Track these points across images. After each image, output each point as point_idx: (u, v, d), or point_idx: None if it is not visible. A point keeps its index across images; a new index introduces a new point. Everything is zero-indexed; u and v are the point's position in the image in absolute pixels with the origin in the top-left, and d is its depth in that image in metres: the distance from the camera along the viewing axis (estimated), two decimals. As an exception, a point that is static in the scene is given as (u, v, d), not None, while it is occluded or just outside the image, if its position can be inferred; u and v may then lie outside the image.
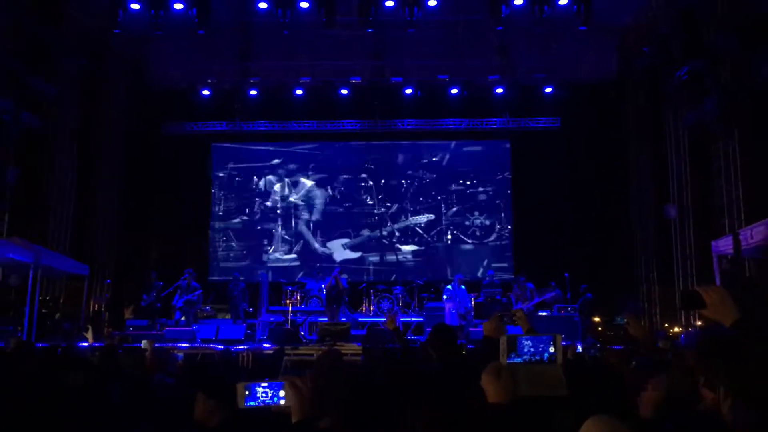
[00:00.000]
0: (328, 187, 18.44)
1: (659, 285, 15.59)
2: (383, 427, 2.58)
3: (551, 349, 2.16)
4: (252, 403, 2.59)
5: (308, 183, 18.49)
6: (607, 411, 1.97)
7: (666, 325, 14.54)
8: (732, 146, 12.82)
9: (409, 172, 18.42)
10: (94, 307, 15.72)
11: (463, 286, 14.36)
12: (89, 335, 7.61)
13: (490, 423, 2.09)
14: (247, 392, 2.59)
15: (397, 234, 18.18)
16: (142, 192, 17.21)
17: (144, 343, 6.60)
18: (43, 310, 13.77)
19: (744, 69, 11.96)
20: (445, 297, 14.28)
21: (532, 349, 2.15)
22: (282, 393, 2.56)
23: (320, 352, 6.01)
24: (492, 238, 18.04)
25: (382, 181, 18.43)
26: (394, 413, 2.69)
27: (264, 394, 2.57)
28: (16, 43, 13.25)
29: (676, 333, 13.30)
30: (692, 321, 13.65)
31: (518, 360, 2.16)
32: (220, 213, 18.54)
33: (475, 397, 2.21)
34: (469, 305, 14.32)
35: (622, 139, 16.74)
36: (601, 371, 3.07)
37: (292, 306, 15.28)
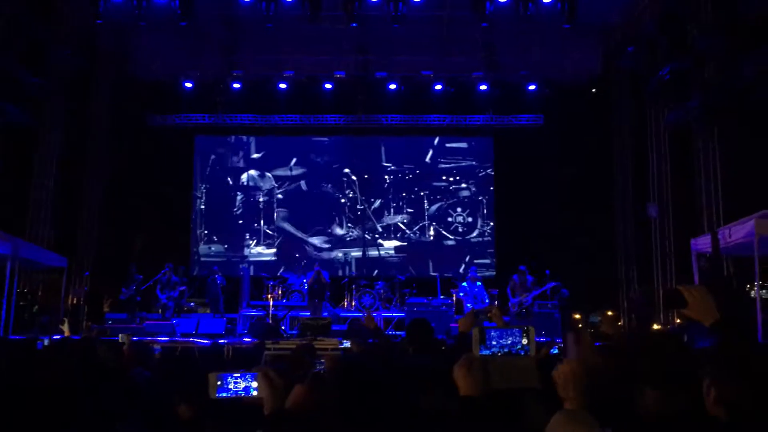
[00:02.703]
0: (311, 182, 18.38)
1: (639, 283, 15.71)
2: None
3: (524, 341, 2.16)
4: (224, 394, 2.57)
5: (291, 177, 18.42)
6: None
7: (645, 322, 14.64)
8: (712, 146, 12.95)
9: (392, 167, 18.41)
10: (72, 300, 15.59)
11: (479, 282, 14.27)
12: (65, 328, 7.53)
13: (461, 416, 2.08)
14: (219, 383, 2.58)
15: (380, 229, 18.18)
16: (124, 184, 17.05)
17: (121, 337, 6.55)
18: (21, 303, 13.63)
19: (727, 69, 12.07)
20: (461, 294, 14.24)
21: (501, 341, 2.15)
22: (255, 384, 2.54)
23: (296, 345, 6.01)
24: (474, 234, 18.08)
25: (365, 176, 18.41)
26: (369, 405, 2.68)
27: (236, 385, 2.56)
28: (4, 36, 13.09)
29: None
30: (671, 319, 13.77)
31: (487, 352, 2.16)
32: (202, 206, 18.43)
33: (448, 391, 2.21)
34: (487, 301, 14.11)
35: (605, 137, 16.84)
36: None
37: (273, 300, 15.22)
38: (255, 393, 2.55)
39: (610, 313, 14.65)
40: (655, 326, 13.99)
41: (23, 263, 13.34)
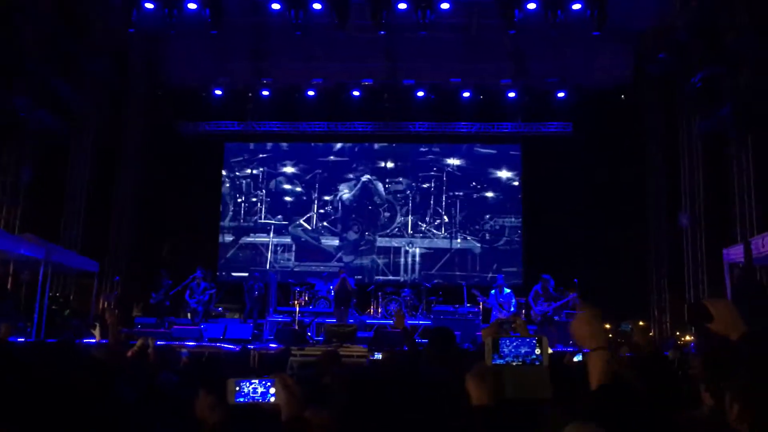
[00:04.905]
0: (338, 188, 18.44)
1: (670, 293, 15.46)
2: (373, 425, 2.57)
3: (537, 351, 2.14)
4: (241, 400, 2.58)
5: (318, 184, 18.51)
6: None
7: (678, 333, 14.41)
8: (745, 154, 12.72)
9: (420, 174, 18.40)
10: (103, 304, 15.82)
11: (507, 290, 13.92)
12: (96, 332, 7.65)
13: (473, 426, 2.07)
14: (236, 388, 2.59)
15: (407, 236, 18.16)
16: (155, 190, 17.31)
17: (145, 340, 6.59)
18: (53, 307, 13.87)
19: (761, 75, 11.85)
20: (484, 301, 14.06)
21: (514, 351, 2.13)
22: (272, 390, 2.55)
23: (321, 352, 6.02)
24: (502, 242, 17.97)
25: (393, 182, 18.43)
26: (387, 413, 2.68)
27: (254, 391, 2.56)
28: (39, 46, 13.40)
29: (687, 341, 13.17)
30: (703, 330, 13.49)
31: (500, 362, 2.15)
32: (231, 212, 18.61)
33: (463, 400, 2.19)
34: (513, 309, 13.68)
35: (636, 145, 16.61)
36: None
37: (300, 307, 15.27)
38: (273, 399, 2.56)
39: (641, 323, 14.42)
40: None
41: (56, 267, 13.59)
